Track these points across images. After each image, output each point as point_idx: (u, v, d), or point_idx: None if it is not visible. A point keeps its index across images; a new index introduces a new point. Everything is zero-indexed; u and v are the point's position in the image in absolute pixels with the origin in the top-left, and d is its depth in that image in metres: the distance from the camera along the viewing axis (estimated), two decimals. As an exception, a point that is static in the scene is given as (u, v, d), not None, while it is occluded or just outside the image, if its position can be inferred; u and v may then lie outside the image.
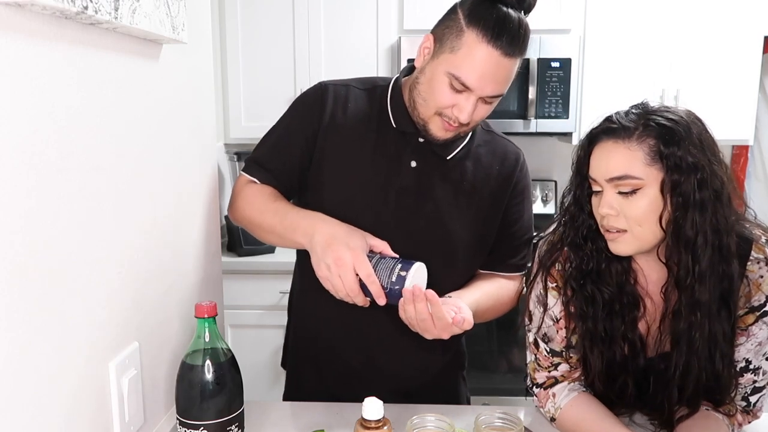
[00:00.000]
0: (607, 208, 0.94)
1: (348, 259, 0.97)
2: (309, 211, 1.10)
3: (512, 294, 1.22)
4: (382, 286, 0.98)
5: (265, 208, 1.13)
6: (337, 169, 1.15)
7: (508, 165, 1.20)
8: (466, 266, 1.21)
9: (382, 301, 0.99)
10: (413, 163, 1.13)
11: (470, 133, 1.17)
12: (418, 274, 1.00)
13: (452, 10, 1.04)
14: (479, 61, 0.99)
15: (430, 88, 1.05)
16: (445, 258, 1.15)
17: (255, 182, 1.19)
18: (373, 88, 1.19)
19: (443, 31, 1.04)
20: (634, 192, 0.92)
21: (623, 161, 0.92)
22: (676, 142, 0.90)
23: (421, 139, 1.13)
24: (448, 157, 1.14)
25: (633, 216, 0.92)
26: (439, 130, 1.08)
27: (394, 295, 0.99)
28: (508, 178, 1.19)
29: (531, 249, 1.19)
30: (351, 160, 1.15)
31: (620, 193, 0.93)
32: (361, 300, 1.00)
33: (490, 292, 1.18)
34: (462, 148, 1.16)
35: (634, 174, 0.91)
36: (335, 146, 1.15)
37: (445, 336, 1.00)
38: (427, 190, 1.14)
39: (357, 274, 0.97)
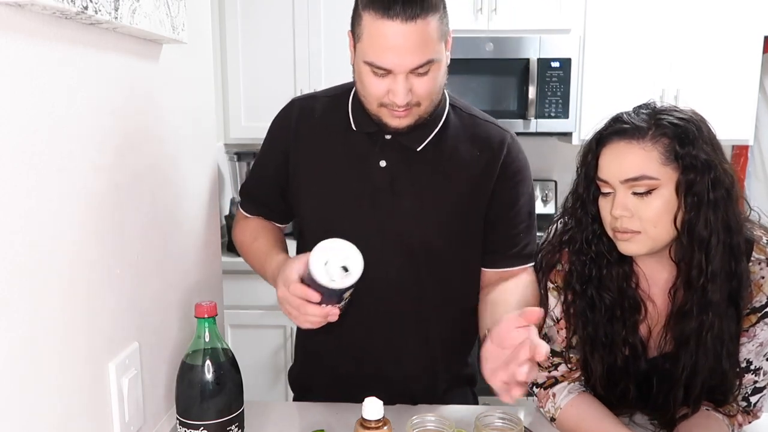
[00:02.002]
0: (622, 209, 0.93)
1: (284, 295, 0.95)
2: (272, 257, 1.11)
3: (532, 287, 1.10)
4: (319, 294, 0.92)
5: (248, 250, 1.22)
6: (309, 180, 1.16)
7: (490, 150, 1.12)
8: (455, 261, 1.16)
9: (316, 298, 0.91)
10: (382, 163, 1.11)
11: (443, 120, 1.12)
12: (323, 251, 0.92)
13: (355, 1, 1.02)
14: (382, 40, 0.95)
15: (361, 83, 1.03)
16: (429, 255, 1.12)
17: (246, 216, 1.27)
18: (339, 93, 1.18)
19: (352, 23, 1.03)
20: (649, 192, 0.91)
21: (639, 161, 0.91)
22: (690, 142, 0.90)
23: (387, 136, 1.10)
24: (418, 149, 1.10)
25: (648, 217, 0.92)
26: (393, 120, 1.04)
27: (317, 286, 0.90)
28: (491, 162, 1.12)
29: (533, 237, 1.14)
30: (321, 169, 1.14)
31: (635, 194, 0.92)
32: (323, 312, 0.93)
33: (520, 302, 1.05)
34: (434, 137, 1.11)
35: (650, 174, 0.90)
36: (305, 158, 1.16)
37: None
38: (402, 187, 1.10)
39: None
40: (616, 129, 0.94)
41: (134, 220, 0.89)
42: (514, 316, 0.88)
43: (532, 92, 2.51)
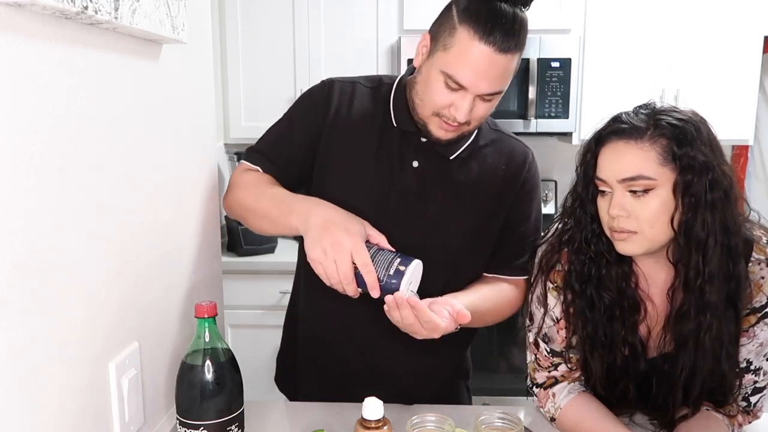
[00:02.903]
0: (619, 209, 0.93)
1: (347, 243, 0.94)
2: (306, 196, 1.09)
3: (513, 299, 1.18)
4: (378, 278, 0.95)
5: (262, 193, 1.12)
6: (339, 166, 1.15)
7: (514, 165, 1.17)
8: (468, 268, 1.19)
9: (375, 293, 0.95)
10: (415, 163, 1.12)
11: (475, 133, 1.15)
12: (416, 271, 0.99)
13: (447, 8, 1.03)
14: (472, 59, 0.97)
15: (427, 87, 1.04)
16: (446, 259, 1.14)
17: (256, 170, 1.18)
18: (378, 86, 1.18)
19: (438, 28, 1.03)
20: (645, 192, 0.91)
21: (636, 161, 0.91)
22: (689, 142, 0.90)
23: (423, 139, 1.12)
24: (450, 157, 1.13)
25: (645, 217, 0.92)
26: (439, 131, 1.06)
27: (389, 288, 0.95)
28: (514, 178, 1.16)
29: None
30: (354, 159, 1.14)
31: (632, 193, 0.92)
32: (352, 289, 0.96)
33: (489, 295, 1.15)
34: (466, 148, 1.14)
35: (647, 174, 0.90)
36: (339, 144, 1.15)
37: (436, 335, 0.97)
38: (429, 190, 1.13)
39: (353, 262, 0.94)
40: (615, 129, 0.95)
41: (134, 219, 0.89)
42: (455, 308, 0.98)
43: (532, 92, 2.51)
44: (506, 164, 1.16)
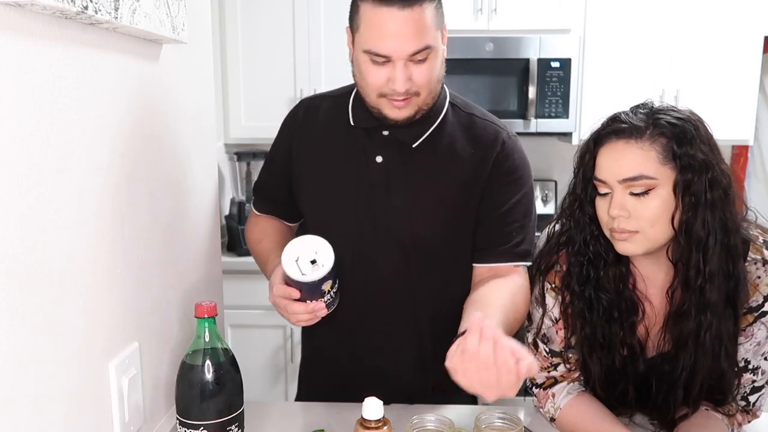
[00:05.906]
0: (619, 209, 0.93)
1: (273, 299, 1.03)
2: (271, 261, 1.14)
3: (523, 291, 1.08)
4: (299, 290, 0.98)
5: (253, 251, 1.28)
6: (310, 176, 1.18)
7: (483, 147, 1.12)
8: (446, 257, 1.15)
9: (296, 293, 0.98)
10: (379, 158, 1.12)
11: (440, 117, 1.12)
12: (293, 251, 0.97)
13: None
14: (380, 26, 0.98)
15: (360, 73, 1.05)
16: (421, 250, 1.12)
17: (255, 213, 1.31)
18: (344, 93, 1.20)
19: (350, 18, 1.05)
20: (646, 192, 0.91)
21: (637, 161, 0.91)
22: (688, 141, 0.90)
23: (385, 132, 1.11)
24: (414, 145, 1.11)
25: (646, 217, 0.91)
26: (392, 111, 1.05)
27: (297, 286, 0.97)
28: (484, 160, 1.11)
29: (529, 237, 1.12)
30: (321, 165, 1.16)
31: (632, 194, 0.92)
32: (308, 308, 0.99)
33: (506, 305, 1.02)
34: (430, 134, 1.12)
35: (648, 174, 0.90)
36: (307, 154, 1.18)
37: (512, 393, 0.80)
38: (396, 183, 1.11)
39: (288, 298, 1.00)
40: (614, 128, 0.94)
41: (134, 220, 0.89)
42: (481, 325, 0.83)
43: (532, 92, 2.51)
44: (475, 147, 1.12)
